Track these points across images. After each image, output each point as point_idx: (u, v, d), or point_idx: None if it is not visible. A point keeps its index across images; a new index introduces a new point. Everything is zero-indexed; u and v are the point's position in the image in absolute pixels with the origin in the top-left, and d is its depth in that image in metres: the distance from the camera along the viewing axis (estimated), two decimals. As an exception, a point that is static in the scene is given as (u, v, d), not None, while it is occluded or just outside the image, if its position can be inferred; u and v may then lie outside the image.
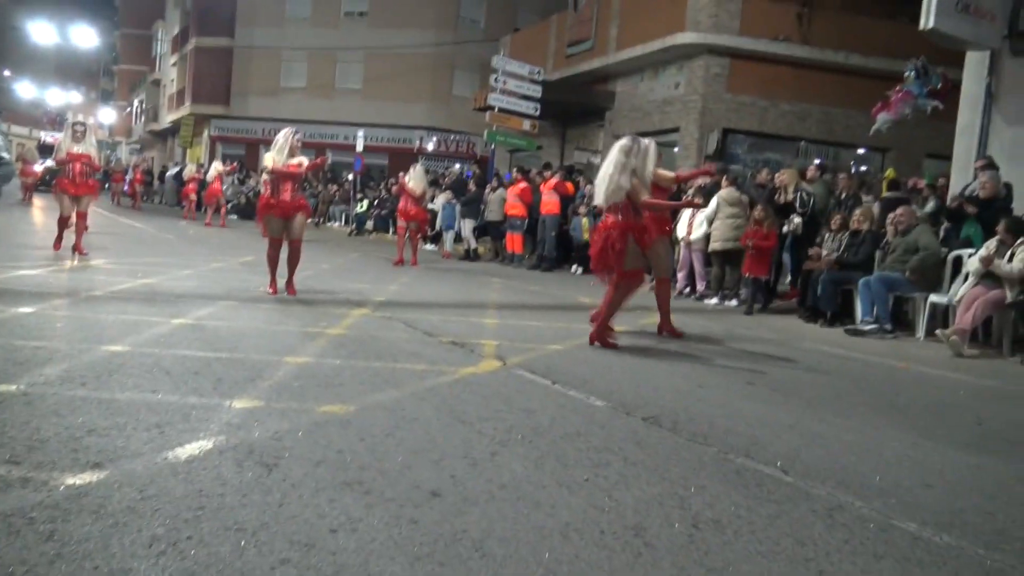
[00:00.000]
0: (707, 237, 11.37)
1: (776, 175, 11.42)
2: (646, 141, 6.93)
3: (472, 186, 17.37)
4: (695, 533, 2.96)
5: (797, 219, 10.58)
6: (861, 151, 17.36)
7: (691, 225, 11.61)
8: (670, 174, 7.73)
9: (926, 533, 3.12)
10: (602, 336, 6.79)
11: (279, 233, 8.43)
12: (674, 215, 10.69)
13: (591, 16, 19.73)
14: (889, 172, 13.05)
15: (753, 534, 3.00)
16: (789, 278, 11.60)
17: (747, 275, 10.34)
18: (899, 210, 9.25)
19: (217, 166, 22.71)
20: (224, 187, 22.71)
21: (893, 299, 8.98)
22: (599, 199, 6.99)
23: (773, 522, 3.13)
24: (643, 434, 4.22)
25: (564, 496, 3.22)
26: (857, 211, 9.83)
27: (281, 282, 8.48)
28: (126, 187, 30.08)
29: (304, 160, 8.60)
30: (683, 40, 16.26)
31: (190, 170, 24.13)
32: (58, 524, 2.57)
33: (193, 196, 23.55)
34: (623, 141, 6.86)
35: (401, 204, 13.41)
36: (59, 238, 10.54)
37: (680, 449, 4.00)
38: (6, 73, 63.25)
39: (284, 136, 8.42)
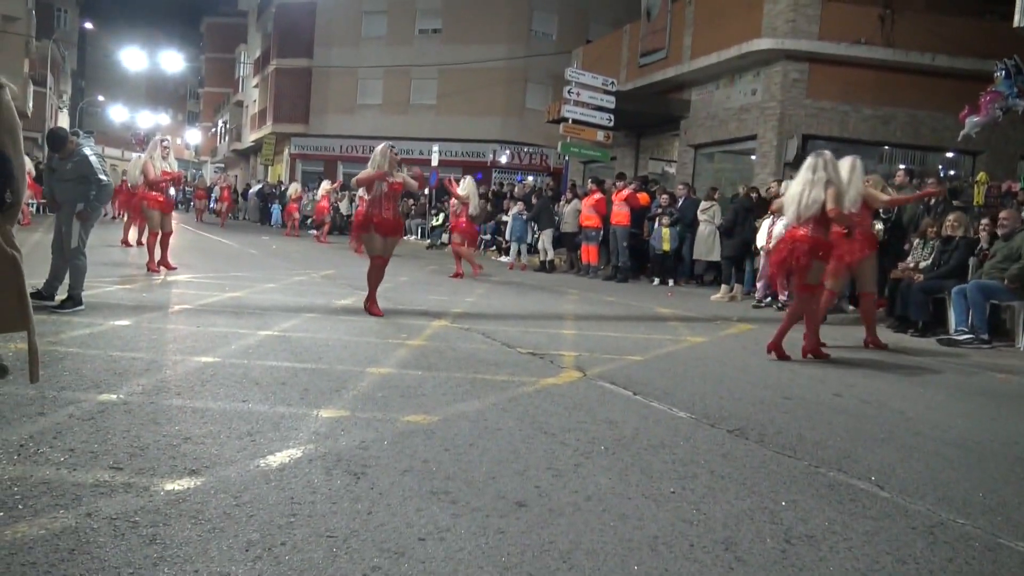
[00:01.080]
0: None
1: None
2: (828, 153, 6.89)
3: (533, 199, 17.37)
4: (788, 548, 2.88)
5: (880, 226, 10.22)
6: (950, 155, 16.71)
7: (770, 235, 11.34)
8: (884, 196, 7.94)
9: (1038, 553, 2.96)
10: (778, 348, 6.96)
11: (382, 251, 7.98)
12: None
13: (664, 25, 19.58)
14: (981, 176, 12.51)
15: (850, 551, 2.90)
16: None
17: None
18: (1003, 213, 8.83)
19: (325, 185, 23.21)
20: (330, 204, 23.20)
21: (990, 307, 8.58)
22: (790, 218, 7.00)
23: (871, 539, 3.02)
24: (729, 446, 4.13)
25: (651, 508, 3.17)
26: (950, 217, 9.44)
27: (349, 300, 8.55)
28: (212, 204, 31.16)
29: (406, 176, 8.36)
30: (760, 46, 15.97)
31: (295, 188, 24.39)
32: (160, 528, 2.66)
33: (297, 215, 23.97)
34: (807, 160, 6.88)
35: (452, 221, 13.94)
36: (153, 257, 10.74)
37: (768, 462, 3.89)
38: (100, 98, 66.40)
39: (382, 152, 8.04)
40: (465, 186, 13.73)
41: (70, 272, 7.00)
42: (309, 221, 25.96)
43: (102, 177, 7.22)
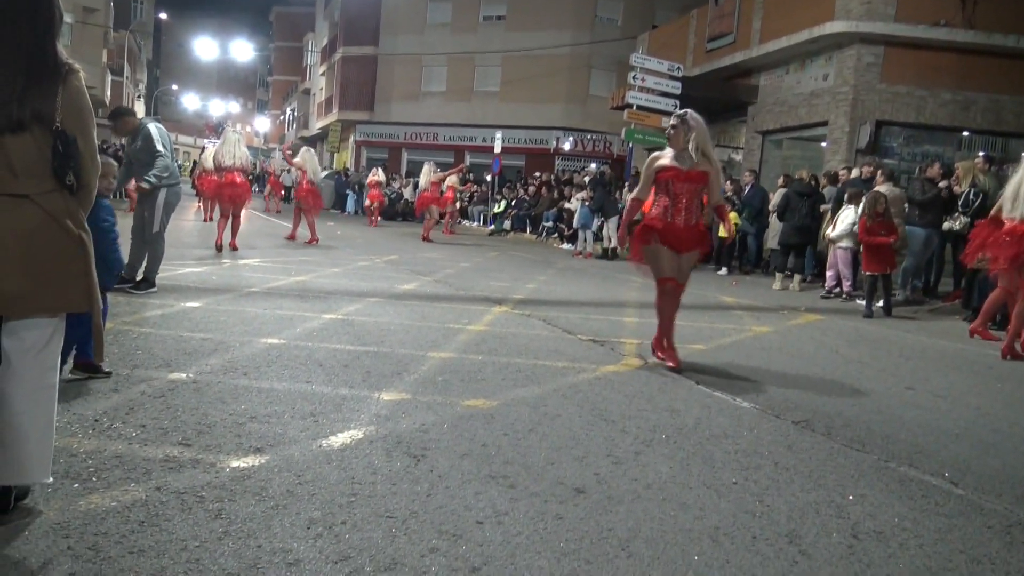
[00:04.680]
0: (855, 236, 10.78)
1: (955, 166, 10.65)
2: None
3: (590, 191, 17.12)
4: (855, 543, 2.80)
5: (963, 218, 9.83)
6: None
7: (835, 224, 11.01)
8: None
9: (1125, 557, 2.81)
10: (1012, 350, 6.98)
11: (672, 271, 5.56)
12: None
13: (733, 9, 19.15)
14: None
15: (921, 548, 2.80)
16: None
17: (866, 272, 9.74)
18: None
19: (453, 179, 20.48)
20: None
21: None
22: (1017, 212, 7.03)
23: (943, 537, 2.91)
24: (794, 438, 4.03)
25: (712, 499, 3.12)
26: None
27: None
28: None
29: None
30: (833, 30, 15.47)
31: (377, 174, 22.50)
32: (225, 503, 2.72)
33: (375, 204, 22.64)
34: None
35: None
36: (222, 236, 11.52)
37: (835, 455, 3.79)
38: (174, 87, 68.35)
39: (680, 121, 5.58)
40: (425, 173, 14.91)
41: (148, 256, 7.19)
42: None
43: (160, 149, 7.17)
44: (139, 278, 7.10)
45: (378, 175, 22.38)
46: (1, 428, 2.48)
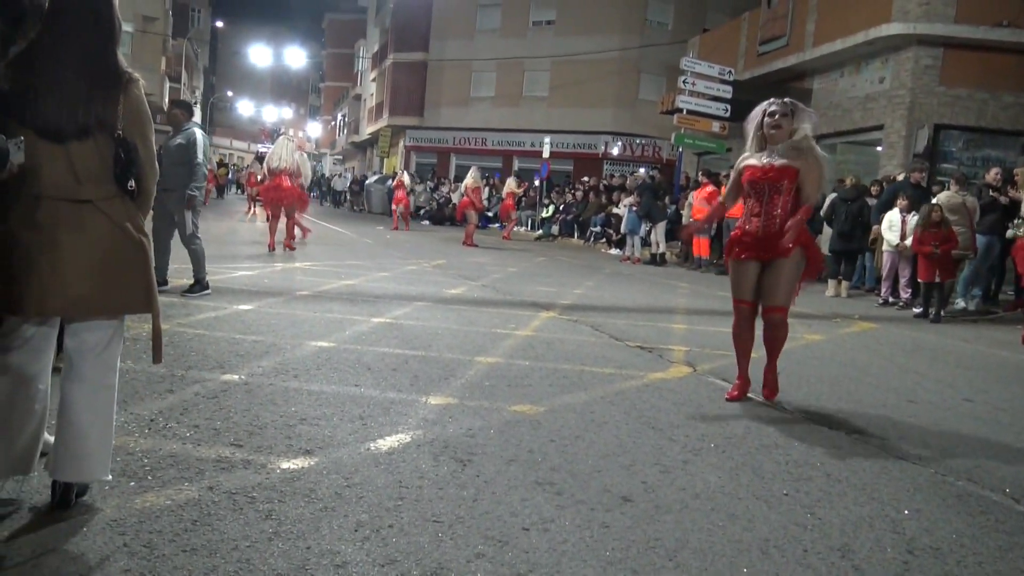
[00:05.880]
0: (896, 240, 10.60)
1: (1015, 172, 10.36)
2: None
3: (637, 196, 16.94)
4: (911, 560, 2.72)
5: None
6: None
7: (904, 231, 10.71)
8: None
9: None
10: None
11: (752, 294, 4.79)
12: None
13: (786, 12, 18.86)
14: None
15: (979, 566, 2.72)
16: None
17: (921, 280, 9.53)
18: None
19: (511, 183, 21.45)
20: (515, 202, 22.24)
21: None
22: None
23: (1004, 555, 2.82)
24: (847, 449, 3.94)
25: (762, 510, 3.07)
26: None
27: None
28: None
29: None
30: (889, 32, 15.14)
31: (404, 178, 22.38)
32: (275, 504, 2.76)
33: (397, 207, 22.23)
34: None
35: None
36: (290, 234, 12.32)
37: (890, 468, 3.70)
38: (229, 93, 69.81)
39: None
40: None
41: (191, 258, 7.28)
42: (422, 212, 26.43)
43: (200, 158, 7.24)
44: (190, 282, 7.24)
45: (403, 177, 22.42)
46: (63, 427, 2.56)
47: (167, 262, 7.45)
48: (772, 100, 4.77)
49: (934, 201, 10.10)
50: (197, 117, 48.85)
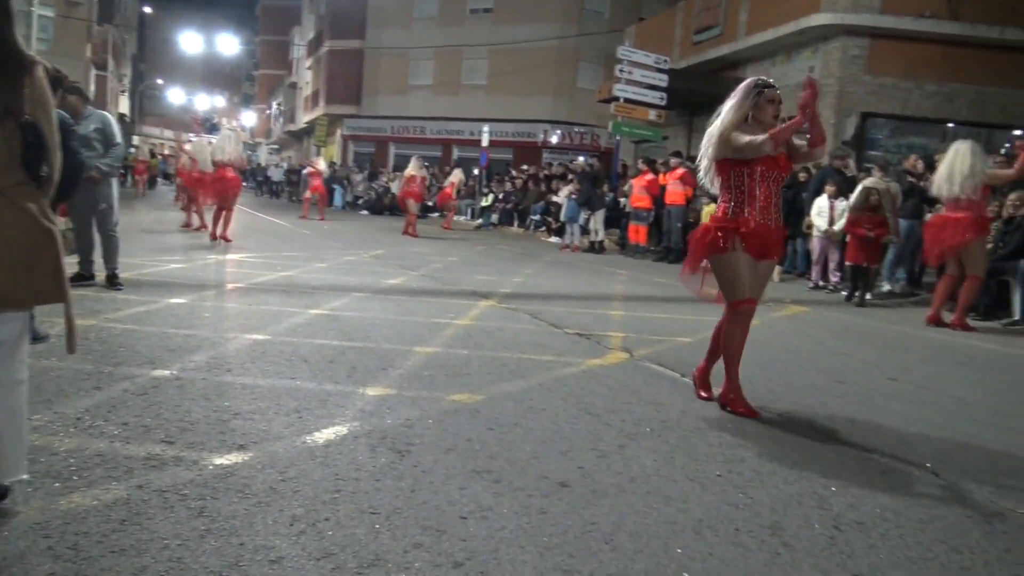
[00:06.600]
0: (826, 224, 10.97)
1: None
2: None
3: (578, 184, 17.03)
4: (837, 534, 2.81)
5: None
6: (1018, 132, 16.07)
7: (832, 217, 11.03)
8: (1008, 171, 8.05)
9: (1102, 546, 2.85)
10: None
11: (751, 287, 4.43)
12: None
13: (720, 1, 19.17)
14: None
15: (902, 538, 2.82)
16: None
17: (849, 263, 9.88)
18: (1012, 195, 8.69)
19: (458, 174, 21.43)
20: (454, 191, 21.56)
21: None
22: (953, 192, 7.71)
23: (924, 527, 2.93)
24: (778, 430, 4.05)
25: (696, 491, 3.13)
26: (1012, 195, 9.09)
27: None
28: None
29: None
30: (818, 21, 15.52)
31: (319, 165, 21.71)
32: (207, 501, 2.71)
33: (313, 196, 21.14)
34: (966, 145, 7.78)
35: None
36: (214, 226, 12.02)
37: (818, 447, 3.81)
38: (159, 81, 67.77)
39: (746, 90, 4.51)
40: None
41: (111, 248, 6.98)
42: (360, 201, 26.16)
43: (119, 139, 7.00)
44: (105, 274, 6.96)
45: (319, 164, 21.74)
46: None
47: (92, 253, 7.16)
48: (761, 78, 4.62)
49: (864, 185, 10.41)
50: (125, 105, 47.04)
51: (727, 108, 4.40)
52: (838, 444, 3.87)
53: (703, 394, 4.60)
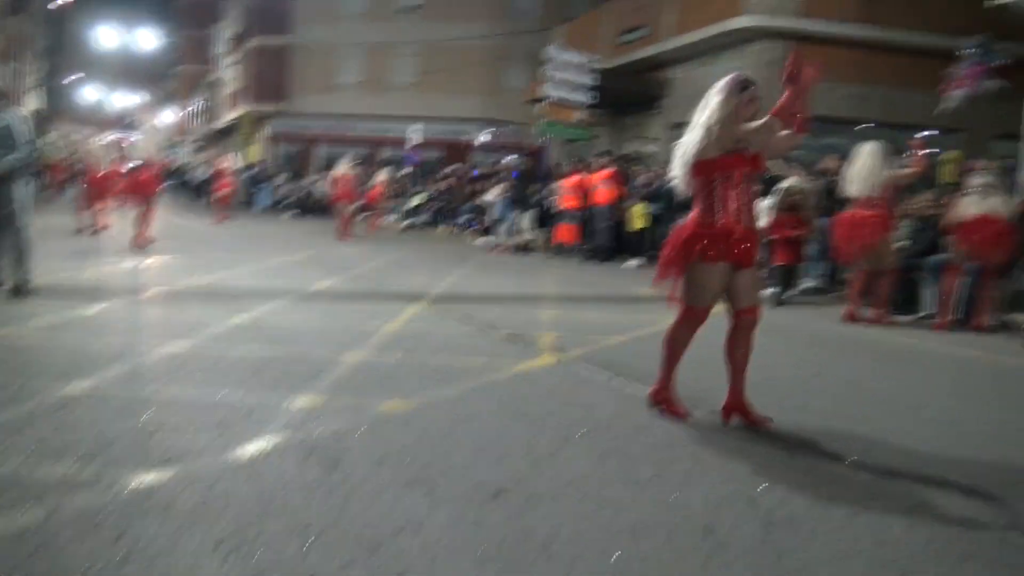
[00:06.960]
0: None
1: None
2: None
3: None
4: (769, 534, 2.86)
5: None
6: (923, 134, 16.75)
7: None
8: (908, 170, 8.40)
9: (1015, 534, 2.96)
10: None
11: (749, 299, 4.48)
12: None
13: (648, 2, 19.43)
14: (955, 154, 12.52)
15: (829, 534, 2.89)
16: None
17: (776, 264, 10.10)
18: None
19: (384, 173, 21.04)
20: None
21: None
22: (860, 190, 8.07)
23: (850, 521, 3.01)
24: (708, 429, 4.11)
25: (631, 494, 3.15)
26: (927, 195, 9.48)
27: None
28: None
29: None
30: (740, 24, 15.90)
31: (227, 160, 21.39)
32: (127, 524, 2.59)
33: (220, 194, 20.66)
34: (870, 146, 8.24)
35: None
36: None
37: (746, 446, 3.88)
38: (73, 77, 65.19)
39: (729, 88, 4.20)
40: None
41: (23, 252, 6.67)
42: (283, 203, 25.61)
43: (31, 136, 6.73)
44: (15, 282, 6.65)
45: (228, 162, 21.25)
46: None
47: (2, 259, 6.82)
48: (743, 74, 4.39)
49: (785, 186, 10.68)
50: (35, 102, 45.14)
51: (713, 106, 4.16)
52: (766, 442, 3.95)
53: (750, 418, 4.24)
